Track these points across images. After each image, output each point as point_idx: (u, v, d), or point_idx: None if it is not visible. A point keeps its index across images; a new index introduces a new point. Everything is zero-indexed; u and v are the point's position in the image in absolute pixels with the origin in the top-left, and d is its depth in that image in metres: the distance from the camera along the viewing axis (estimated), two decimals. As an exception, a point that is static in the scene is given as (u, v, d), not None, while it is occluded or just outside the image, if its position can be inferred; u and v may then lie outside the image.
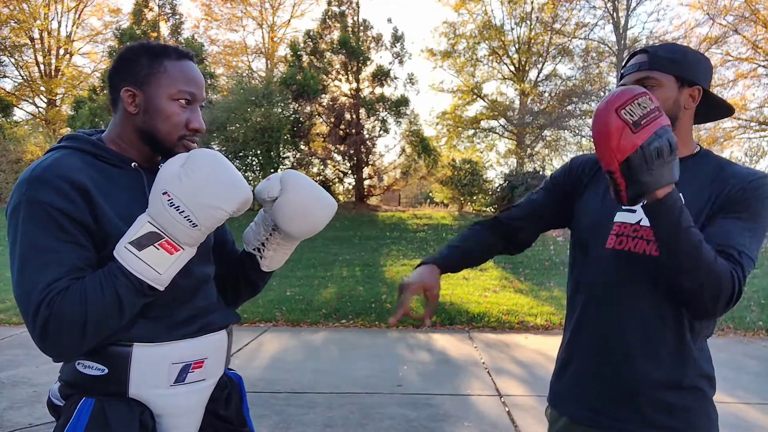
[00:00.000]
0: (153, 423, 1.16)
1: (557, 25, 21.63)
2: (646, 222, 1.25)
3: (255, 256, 1.34)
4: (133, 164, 1.20)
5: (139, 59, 1.18)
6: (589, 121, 20.81)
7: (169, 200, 1.05)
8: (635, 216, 1.28)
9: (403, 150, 16.46)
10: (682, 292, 1.13)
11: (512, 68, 22.68)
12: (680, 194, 1.22)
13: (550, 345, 5.37)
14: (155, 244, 1.06)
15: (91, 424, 1.10)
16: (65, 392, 1.18)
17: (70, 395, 1.16)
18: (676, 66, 1.26)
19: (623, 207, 1.30)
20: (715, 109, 1.35)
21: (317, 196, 1.27)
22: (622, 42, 19.99)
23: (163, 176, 1.08)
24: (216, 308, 1.29)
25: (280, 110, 14.76)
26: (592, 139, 1.11)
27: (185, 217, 1.05)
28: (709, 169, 1.27)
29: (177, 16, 17.52)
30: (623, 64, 1.37)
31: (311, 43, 15.90)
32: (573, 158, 1.53)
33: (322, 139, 15.84)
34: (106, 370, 1.12)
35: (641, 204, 1.14)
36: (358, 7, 16.39)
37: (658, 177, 1.06)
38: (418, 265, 1.42)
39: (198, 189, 1.06)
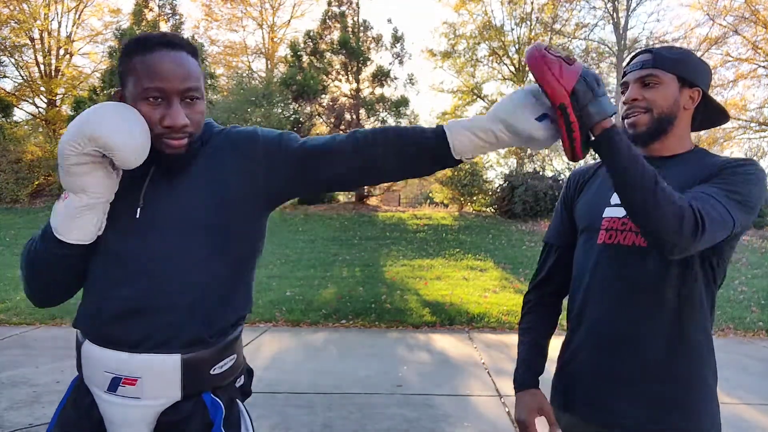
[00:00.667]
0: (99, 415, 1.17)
1: (557, 26, 21.65)
2: None
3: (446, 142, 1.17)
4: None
5: (122, 57, 1.15)
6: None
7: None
8: (622, 210, 1.30)
9: (403, 150, 16.43)
10: (645, 224, 1.11)
11: (512, 69, 22.67)
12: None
13: (550, 345, 5.36)
14: (62, 196, 1.12)
15: (71, 396, 1.20)
16: None
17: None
18: (679, 66, 1.29)
19: (611, 203, 1.34)
20: (711, 116, 1.38)
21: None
22: (622, 42, 19.99)
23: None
24: (166, 329, 1.10)
25: (280, 110, 14.77)
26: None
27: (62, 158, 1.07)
28: (702, 161, 1.30)
29: (177, 17, 17.53)
30: (626, 62, 1.39)
31: (311, 44, 15.91)
32: (571, 172, 1.56)
33: (322, 139, 15.83)
34: (76, 355, 1.19)
35: (590, 140, 1.16)
36: (358, 8, 16.41)
37: (603, 105, 1.11)
38: (517, 391, 1.41)
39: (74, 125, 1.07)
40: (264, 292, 7.37)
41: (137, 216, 1.13)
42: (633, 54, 1.39)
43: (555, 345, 1.47)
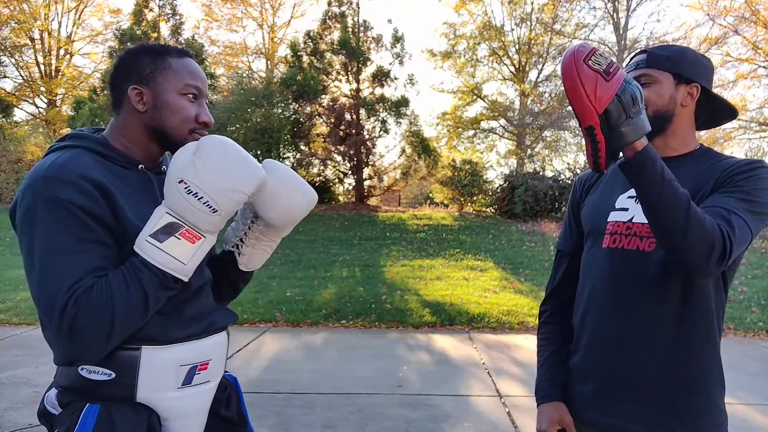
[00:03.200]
0: (160, 426, 1.15)
1: (557, 26, 21.64)
2: (638, 219, 1.27)
3: (234, 254, 1.34)
4: (140, 166, 1.20)
5: (142, 58, 1.19)
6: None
7: (186, 188, 1.05)
8: (627, 214, 1.30)
9: (403, 150, 16.46)
10: (674, 250, 1.09)
11: (512, 69, 22.68)
12: None
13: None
14: (176, 235, 1.05)
15: (98, 429, 1.07)
16: (64, 399, 1.13)
17: (70, 402, 1.12)
18: (673, 63, 1.29)
19: (616, 207, 1.33)
20: (718, 112, 1.36)
21: (297, 182, 1.26)
22: (622, 42, 19.99)
23: (177, 165, 1.08)
24: (216, 308, 1.30)
25: (280, 111, 14.76)
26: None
27: (204, 203, 1.05)
28: (706, 164, 1.28)
29: (177, 17, 17.52)
30: (625, 63, 1.39)
31: (311, 44, 15.89)
32: (577, 177, 1.55)
33: (323, 139, 15.84)
34: (114, 375, 1.10)
35: (619, 162, 1.13)
36: (359, 8, 16.40)
37: (637, 126, 1.05)
38: (539, 403, 1.42)
39: (214, 173, 1.05)
40: (264, 293, 7.37)
41: None
42: (632, 55, 1.39)
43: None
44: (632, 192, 1.31)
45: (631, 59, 1.37)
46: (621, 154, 1.10)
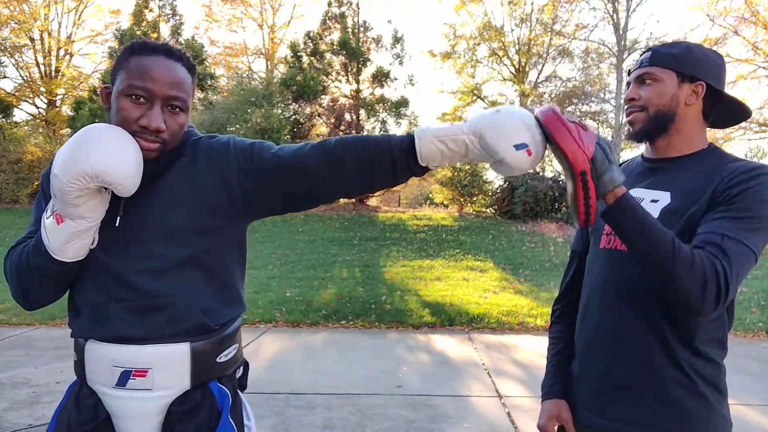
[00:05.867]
0: (108, 415, 1.18)
1: (557, 27, 21.64)
2: None
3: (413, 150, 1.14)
4: None
5: (118, 57, 1.19)
6: (590, 122, 20.81)
7: (51, 167, 1.10)
8: None
9: (403, 151, 16.44)
10: (667, 293, 1.11)
11: (512, 69, 22.68)
12: (668, 193, 1.23)
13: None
14: (53, 214, 1.12)
15: (68, 401, 1.21)
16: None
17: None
18: (676, 61, 1.27)
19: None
20: (729, 111, 1.32)
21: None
22: (622, 43, 19.97)
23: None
24: (177, 313, 1.14)
25: (280, 111, 14.77)
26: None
27: (53, 184, 1.07)
28: (710, 163, 1.25)
29: (177, 17, 17.52)
30: (625, 66, 1.39)
31: (311, 44, 15.91)
32: None
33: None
34: (76, 358, 1.21)
35: (601, 212, 1.15)
36: (358, 8, 16.43)
37: (616, 173, 1.10)
38: (542, 399, 1.43)
39: (58, 157, 1.07)
40: (264, 293, 7.37)
41: (117, 224, 1.15)
42: (641, 53, 1.37)
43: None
44: (632, 192, 1.27)
45: (640, 56, 1.35)
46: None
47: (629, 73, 1.36)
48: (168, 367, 1.14)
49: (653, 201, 1.26)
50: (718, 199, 1.17)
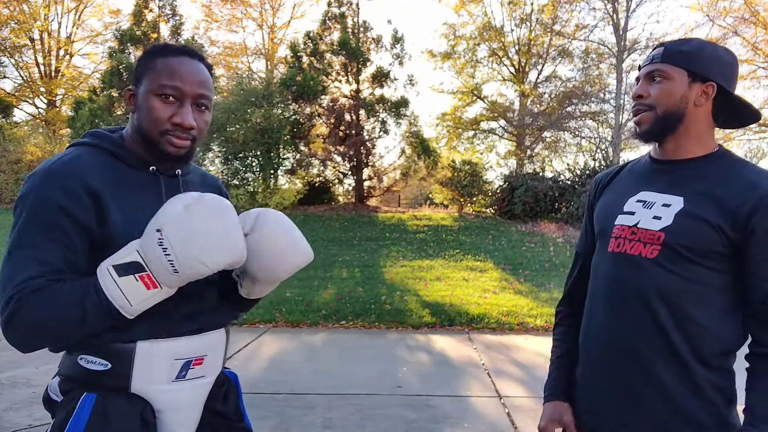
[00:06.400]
0: (154, 418, 1.17)
1: (557, 27, 21.65)
2: (643, 225, 1.24)
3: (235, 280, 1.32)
4: (151, 168, 1.22)
5: (141, 60, 1.22)
6: (589, 122, 20.85)
7: (159, 239, 1.04)
8: (633, 218, 1.26)
9: (403, 151, 16.47)
10: None
11: (512, 69, 22.69)
12: (681, 198, 1.20)
13: (550, 346, 5.35)
14: (136, 275, 1.05)
15: (92, 418, 1.10)
16: (65, 387, 1.17)
17: (70, 390, 1.16)
18: (688, 59, 1.22)
19: (624, 210, 1.29)
20: (735, 113, 1.29)
21: (290, 240, 1.22)
22: (622, 43, 19.97)
23: (165, 212, 1.07)
24: (218, 306, 1.29)
25: (280, 111, 14.76)
26: (590, 140, 1.10)
27: (169, 261, 1.04)
28: (722, 170, 1.21)
29: (177, 17, 17.52)
30: (625, 65, 1.37)
31: (311, 44, 15.91)
32: (595, 176, 1.52)
33: (322, 140, 15.85)
34: (110, 366, 1.13)
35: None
36: (358, 9, 16.41)
37: None
38: (544, 401, 1.43)
39: (189, 238, 1.03)
40: (264, 293, 7.36)
41: None
42: (652, 48, 1.33)
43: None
44: (641, 195, 1.28)
45: (652, 52, 1.31)
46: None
47: (639, 68, 1.31)
48: (215, 352, 1.26)
49: (665, 205, 1.23)
50: (755, 232, 1.14)
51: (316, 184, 16.32)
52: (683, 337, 1.18)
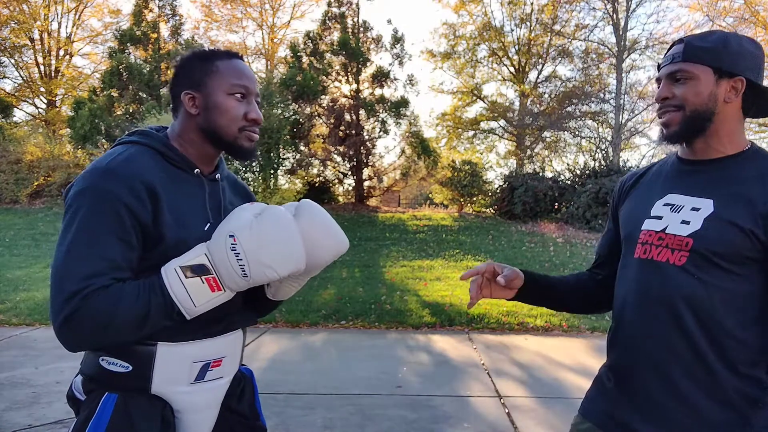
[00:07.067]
0: (173, 418, 1.20)
1: (557, 27, 21.66)
2: (671, 230, 1.19)
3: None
4: (195, 170, 1.26)
5: (193, 65, 1.26)
6: (589, 122, 20.85)
7: (233, 244, 1.09)
8: (661, 223, 1.21)
9: (403, 151, 16.49)
10: None
11: (512, 69, 22.70)
12: (710, 201, 1.16)
13: (550, 346, 5.37)
14: (202, 277, 1.10)
15: (114, 418, 1.12)
16: (88, 387, 1.20)
17: (92, 390, 1.18)
18: (713, 56, 1.16)
19: (651, 214, 1.24)
20: (763, 103, 1.21)
21: (328, 231, 1.27)
22: (622, 43, 19.99)
23: (235, 218, 1.12)
24: (237, 308, 1.31)
25: (279, 111, 14.76)
26: (590, 140, 1.09)
27: (240, 266, 1.09)
28: (753, 170, 1.15)
29: (177, 17, 17.52)
30: (625, 63, 1.34)
31: (311, 45, 15.91)
32: (619, 180, 1.50)
33: (322, 140, 15.86)
34: (130, 368, 1.15)
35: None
36: (358, 9, 16.41)
37: None
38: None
39: (262, 245, 1.09)
40: (264, 293, 7.36)
41: (206, 229, 1.22)
42: (670, 45, 1.26)
43: (555, 346, 1.47)
44: (668, 199, 1.23)
45: (669, 49, 1.24)
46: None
47: (659, 68, 1.25)
48: (233, 353, 1.29)
49: (694, 209, 1.17)
50: None
51: (316, 184, 16.33)
52: (714, 346, 1.13)
